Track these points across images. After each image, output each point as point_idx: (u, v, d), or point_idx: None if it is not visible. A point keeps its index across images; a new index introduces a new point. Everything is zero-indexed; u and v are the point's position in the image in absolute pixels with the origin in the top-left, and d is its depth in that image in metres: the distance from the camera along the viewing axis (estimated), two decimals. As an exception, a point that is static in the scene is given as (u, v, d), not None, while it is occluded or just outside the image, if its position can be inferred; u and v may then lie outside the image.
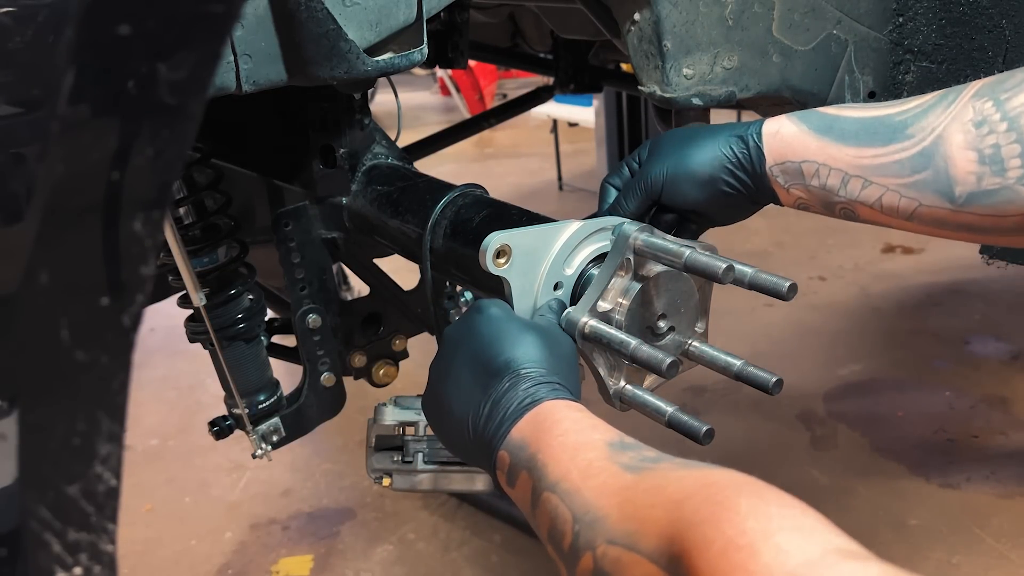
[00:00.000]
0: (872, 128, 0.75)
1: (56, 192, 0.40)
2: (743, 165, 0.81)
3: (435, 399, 0.76)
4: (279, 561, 2.21)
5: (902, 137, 0.73)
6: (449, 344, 0.77)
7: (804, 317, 3.18)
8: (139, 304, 0.42)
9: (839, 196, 0.77)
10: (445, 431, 0.75)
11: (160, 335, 3.24)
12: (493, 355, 0.71)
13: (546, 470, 0.62)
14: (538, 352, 0.72)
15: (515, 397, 0.68)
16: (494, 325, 0.74)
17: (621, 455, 0.60)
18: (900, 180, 0.73)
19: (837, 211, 0.79)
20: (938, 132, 0.71)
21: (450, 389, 0.74)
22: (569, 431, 0.64)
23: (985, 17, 1.01)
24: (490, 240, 0.75)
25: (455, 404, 0.73)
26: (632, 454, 0.60)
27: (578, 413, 0.66)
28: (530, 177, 5.57)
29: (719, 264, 0.70)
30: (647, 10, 0.90)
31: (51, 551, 0.42)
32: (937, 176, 0.71)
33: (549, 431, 0.64)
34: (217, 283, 1.02)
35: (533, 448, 0.64)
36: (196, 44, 0.40)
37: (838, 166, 0.76)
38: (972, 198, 0.70)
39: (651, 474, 0.56)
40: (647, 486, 0.54)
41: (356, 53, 0.80)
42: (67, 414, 0.42)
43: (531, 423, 0.66)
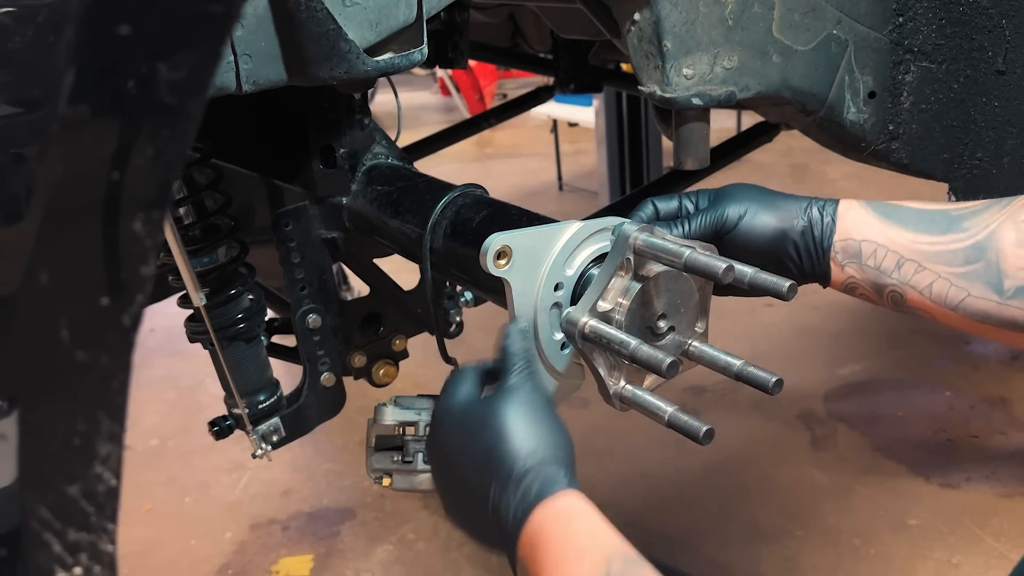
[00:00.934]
0: (930, 218, 0.79)
1: (56, 192, 0.40)
2: (814, 232, 0.83)
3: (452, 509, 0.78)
4: (279, 561, 2.21)
5: (958, 229, 0.77)
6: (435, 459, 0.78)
7: (804, 317, 3.18)
8: (139, 304, 0.42)
9: (891, 278, 0.80)
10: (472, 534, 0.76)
11: (160, 335, 3.24)
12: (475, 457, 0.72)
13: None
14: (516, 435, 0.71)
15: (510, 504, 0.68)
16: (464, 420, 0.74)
17: None
18: (952, 269, 0.76)
19: (886, 294, 0.81)
20: (992, 228, 0.75)
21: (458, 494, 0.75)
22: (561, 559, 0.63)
23: (985, 17, 1.01)
24: (490, 241, 0.75)
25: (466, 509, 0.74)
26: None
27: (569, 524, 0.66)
28: (530, 177, 5.57)
29: (719, 264, 0.70)
30: (647, 10, 0.90)
31: (51, 551, 0.42)
32: (988, 268, 0.75)
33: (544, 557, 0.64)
34: (217, 283, 1.02)
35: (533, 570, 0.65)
36: (196, 44, 0.40)
37: (895, 248, 0.79)
38: (1020, 292, 0.73)
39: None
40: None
41: (356, 53, 0.80)
42: (67, 414, 0.42)
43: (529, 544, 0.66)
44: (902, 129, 1.08)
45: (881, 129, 1.07)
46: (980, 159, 1.09)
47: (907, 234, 0.79)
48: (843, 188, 4.81)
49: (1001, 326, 0.75)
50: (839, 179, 4.95)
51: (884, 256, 0.80)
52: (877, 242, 0.80)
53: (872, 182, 4.71)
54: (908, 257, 0.79)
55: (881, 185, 4.62)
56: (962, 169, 1.10)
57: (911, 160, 1.10)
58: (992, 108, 1.05)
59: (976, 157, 1.09)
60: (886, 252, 0.80)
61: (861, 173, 4.74)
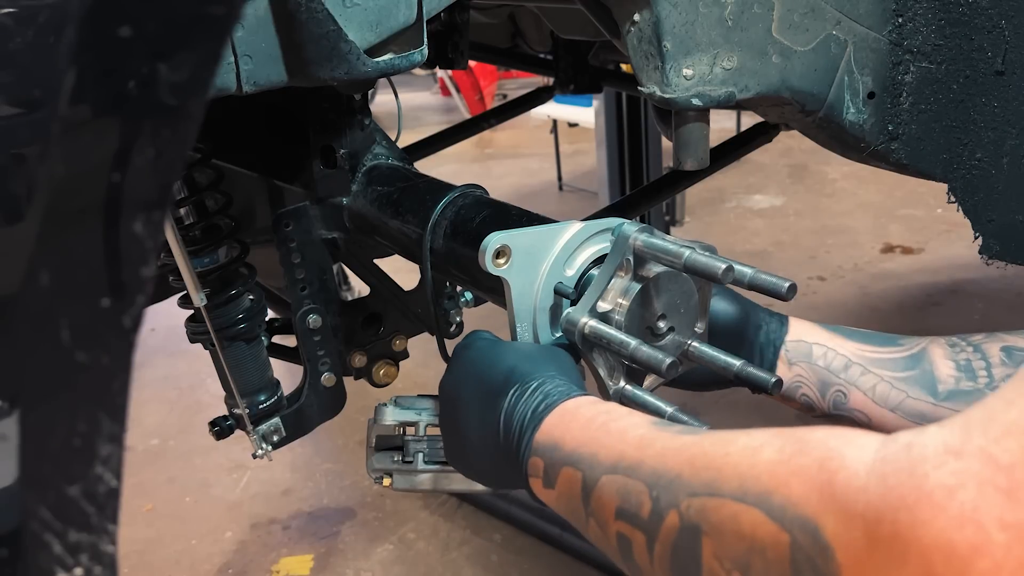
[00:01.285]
0: (870, 335, 0.90)
1: (57, 193, 0.40)
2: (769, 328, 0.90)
3: (453, 443, 0.78)
4: (279, 561, 2.21)
5: (895, 344, 0.89)
6: (448, 389, 0.78)
7: (804, 317, 3.18)
8: (140, 305, 0.42)
9: (839, 378, 0.87)
10: (471, 466, 0.77)
11: (160, 335, 3.24)
12: (493, 375, 0.73)
13: (596, 458, 0.62)
14: (537, 361, 0.72)
15: (529, 404, 0.69)
16: (486, 350, 0.76)
17: (671, 426, 0.61)
18: (894, 374, 0.86)
19: (830, 394, 0.88)
20: (923, 346, 0.88)
21: (463, 424, 0.75)
22: (607, 421, 0.64)
23: (984, 17, 1.01)
24: (489, 240, 0.75)
25: (471, 436, 0.74)
26: (681, 427, 0.61)
27: (607, 404, 0.67)
28: (530, 177, 5.57)
29: (719, 264, 0.70)
30: (647, 11, 0.90)
31: (52, 552, 0.42)
32: (924, 375, 0.85)
33: (584, 426, 0.65)
34: (218, 283, 1.02)
35: (571, 444, 0.64)
36: (197, 45, 0.40)
37: (844, 352, 0.88)
38: (951, 395, 0.84)
39: (711, 434, 0.57)
40: (712, 441, 0.56)
41: (356, 54, 0.80)
42: (67, 414, 0.42)
43: (558, 424, 0.67)
44: (901, 129, 1.08)
45: (880, 129, 1.07)
46: (979, 159, 1.09)
47: (852, 343, 0.89)
48: (843, 188, 4.81)
49: None
50: (839, 179, 4.95)
51: (833, 358, 0.88)
52: (827, 346, 0.89)
53: (872, 182, 4.71)
54: (855, 360, 0.88)
55: (881, 185, 4.62)
56: (961, 169, 1.10)
57: (910, 160, 1.10)
58: (992, 108, 1.05)
59: (975, 157, 1.09)
60: (835, 355, 0.88)
61: (861, 173, 4.74)
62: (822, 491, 0.45)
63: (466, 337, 0.81)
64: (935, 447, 0.41)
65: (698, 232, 4.32)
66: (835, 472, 0.45)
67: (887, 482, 0.41)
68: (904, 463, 0.41)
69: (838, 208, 4.52)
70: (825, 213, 4.45)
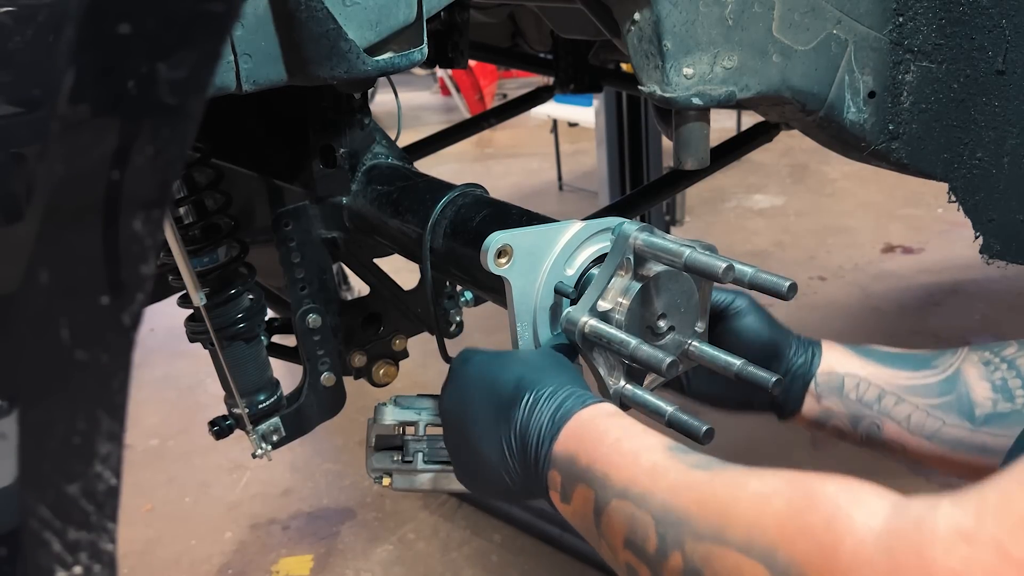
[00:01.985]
0: (903, 358, 0.87)
1: (56, 191, 0.40)
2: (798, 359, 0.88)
3: (464, 463, 0.76)
4: (279, 561, 2.21)
5: (929, 366, 0.86)
6: (452, 408, 0.77)
7: (804, 317, 3.18)
8: (139, 303, 0.42)
9: (872, 410, 0.85)
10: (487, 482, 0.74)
11: (160, 335, 3.24)
12: (500, 387, 0.71)
13: (608, 479, 0.61)
14: (543, 368, 0.71)
15: (543, 414, 0.68)
16: (488, 363, 0.75)
17: (685, 456, 0.60)
18: (929, 400, 0.83)
19: (863, 426, 0.86)
20: (956, 366, 0.84)
21: (474, 442, 0.73)
22: (622, 438, 0.63)
23: (985, 17, 1.01)
24: (491, 240, 0.75)
25: (484, 452, 0.72)
26: (696, 456, 0.60)
27: (622, 419, 0.66)
28: (530, 177, 5.57)
29: (719, 264, 0.70)
30: (647, 10, 0.90)
31: (51, 550, 0.42)
32: (960, 400, 0.82)
33: (599, 440, 0.64)
34: (217, 283, 1.02)
35: (585, 460, 0.64)
36: (196, 44, 0.40)
37: (877, 382, 0.85)
38: (989, 419, 0.81)
39: (724, 472, 0.56)
40: (724, 482, 0.55)
41: (356, 53, 0.80)
42: (67, 413, 0.42)
43: (574, 436, 0.66)
44: (902, 129, 1.08)
45: (881, 129, 1.07)
46: (980, 159, 1.09)
47: (886, 370, 0.86)
48: (843, 188, 4.81)
49: (972, 452, 0.82)
50: (839, 179, 4.95)
51: (867, 389, 0.85)
52: (860, 376, 0.86)
53: (872, 182, 4.71)
54: (889, 390, 0.85)
55: (881, 185, 4.62)
56: (962, 169, 1.10)
57: (911, 160, 1.10)
58: (992, 108, 1.05)
59: (976, 157, 1.09)
60: (868, 385, 0.85)
61: (861, 173, 4.74)
62: (827, 556, 0.44)
63: (459, 355, 0.79)
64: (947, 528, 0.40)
65: (698, 232, 4.32)
66: (842, 536, 0.44)
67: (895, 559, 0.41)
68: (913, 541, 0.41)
69: (838, 208, 4.52)
70: (825, 213, 4.45)
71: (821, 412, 0.86)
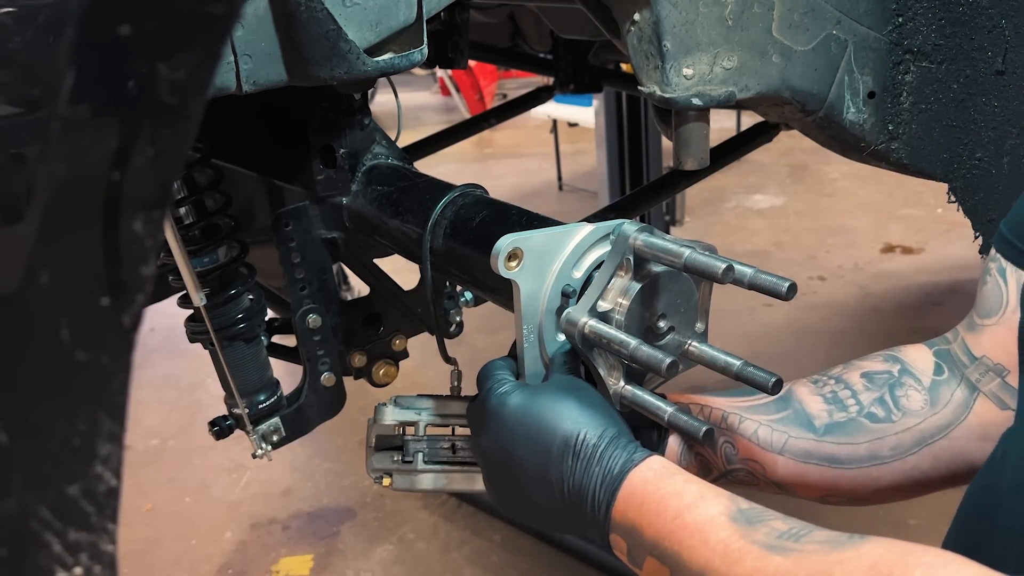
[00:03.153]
0: (733, 391, 0.90)
1: (56, 192, 0.40)
2: None
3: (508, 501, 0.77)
4: (279, 561, 2.21)
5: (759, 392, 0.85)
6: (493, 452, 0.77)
7: (804, 317, 3.18)
8: (139, 304, 0.42)
9: (720, 429, 0.87)
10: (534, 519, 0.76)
11: (160, 335, 3.24)
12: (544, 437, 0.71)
13: (681, 558, 0.61)
14: (583, 413, 0.72)
15: (594, 475, 0.68)
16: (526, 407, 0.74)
17: (752, 531, 0.60)
18: (768, 416, 0.87)
19: (720, 447, 0.87)
20: (787, 387, 0.88)
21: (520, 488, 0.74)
22: (681, 509, 0.63)
23: (985, 17, 1.01)
24: (503, 243, 0.74)
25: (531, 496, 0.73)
26: (763, 529, 0.60)
27: (673, 480, 0.66)
28: (530, 177, 5.57)
29: (719, 264, 0.70)
30: (647, 10, 0.90)
31: (51, 551, 0.42)
32: (797, 414, 0.86)
33: (658, 514, 0.64)
34: (217, 283, 1.02)
35: (649, 533, 0.64)
36: (196, 44, 0.40)
37: (717, 406, 0.88)
38: (829, 429, 0.85)
39: (802, 557, 0.56)
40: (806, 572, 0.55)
41: (356, 53, 0.80)
42: (67, 414, 0.42)
43: (630, 505, 0.66)
44: (902, 129, 1.08)
45: (881, 129, 1.07)
46: (980, 159, 1.09)
47: (720, 399, 0.89)
48: (843, 188, 4.81)
49: (823, 463, 0.85)
50: (839, 179, 4.95)
51: (710, 413, 0.88)
52: (700, 403, 0.89)
53: (872, 182, 4.72)
54: (730, 411, 0.88)
55: (881, 185, 4.62)
56: (962, 169, 1.10)
57: (911, 160, 1.10)
58: (992, 108, 1.05)
59: (976, 157, 1.09)
60: (711, 410, 0.88)
61: (861, 173, 4.74)
62: None
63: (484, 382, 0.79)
64: None
65: (698, 232, 4.32)
66: None
67: None
68: None
69: (838, 208, 4.52)
70: (825, 213, 4.45)
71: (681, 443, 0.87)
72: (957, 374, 0.86)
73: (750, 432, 0.86)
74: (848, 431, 0.85)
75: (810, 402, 0.87)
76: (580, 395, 0.74)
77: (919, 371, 0.87)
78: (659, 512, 0.64)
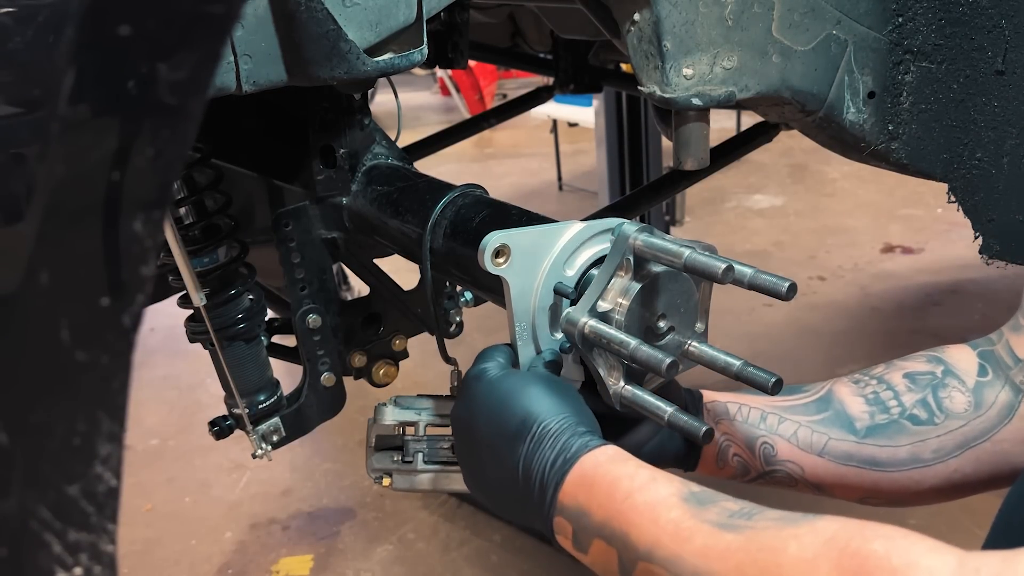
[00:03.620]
0: None
1: (56, 192, 0.40)
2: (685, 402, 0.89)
3: (470, 475, 0.78)
4: (279, 561, 2.21)
5: (800, 391, 0.89)
6: (461, 424, 0.78)
7: (804, 317, 3.18)
8: (139, 304, 0.42)
9: (760, 430, 0.86)
10: (490, 500, 0.76)
11: (160, 335, 3.24)
12: (506, 417, 0.72)
13: (628, 539, 0.61)
14: (549, 400, 0.72)
15: (546, 457, 0.68)
16: (497, 385, 0.75)
17: (704, 511, 0.60)
18: (809, 417, 0.86)
19: (758, 447, 0.87)
20: (828, 387, 0.88)
21: (479, 462, 0.75)
22: (631, 491, 0.63)
23: (985, 17, 1.01)
24: (489, 239, 0.75)
25: (488, 474, 0.74)
26: (714, 509, 0.60)
27: (625, 465, 0.66)
28: (530, 177, 5.57)
29: (718, 264, 0.70)
30: (647, 10, 0.90)
31: (51, 551, 0.42)
32: (838, 415, 0.86)
33: (609, 494, 0.64)
34: (217, 283, 1.02)
35: (599, 515, 0.64)
36: (196, 44, 0.40)
37: (755, 405, 0.88)
38: (870, 431, 0.84)
39: (755, 534, 0.56)
40: (759, 547, 0.54)
41: (356, 53, 0.80)
42: (67, 414, 0.42)
43: (580, 485, 0.66)
44: (902, 129, 1.08)
45: (881, 129, 1.07)
46: (980, 159, 1.09)
47: (760, 397, 0.88)
48: (843, 188, 4.81)
49: (864, 466, 0.84)
50: (839, 179, 4.95)
51: (748, 412, 0.88)
52: (739, 402, 0.88)
53: (872, 182, 4.72)
54: (769, 411, 0.87)
55: (881, 185, 4.62)
56: (962, 169, 1.10)
57: (911, 160, 1.10)
58: (992, 108, 1.05)
59: (976, 157, 1.09)
60: (749, 409, 0.88)
61: (861, 173, 4.74)
62: None
63: (479, 360, 0.79)
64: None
65: (698, 232, 4.32)
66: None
67: None
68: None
69: (838, 208, 4.52)
70: (825, 213, 4.45)
71: (721, 440, 0.87)
72: (1001, 376, 0.85)
73: (789, 433, 0.85)
74: (889, 433, 0.84)
75: (851, 403, 0.86)
76: (551, 386, 0.74)
77: (963, 372, 0.86)
78: (609, 493, 0.64)
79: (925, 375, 0.86)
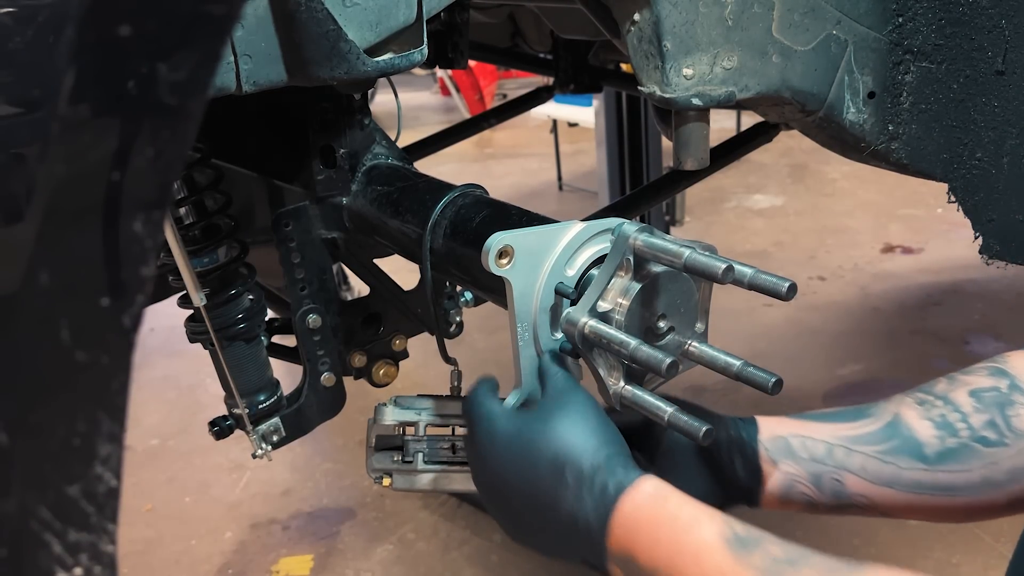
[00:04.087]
0: (837, 413, 0.87)
1: (57, 192, 0.40)
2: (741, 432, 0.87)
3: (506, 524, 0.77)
4: (279, 561, 2.21)
5: (865, 416, 0.86)
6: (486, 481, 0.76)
7: (804, 317, 3.18)
8: (139, 304, 0.42)
9: (826, 465, 0.84)
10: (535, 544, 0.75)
11: (160, 335, 3.24)
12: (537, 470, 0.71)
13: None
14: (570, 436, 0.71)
15: (586, 505, 0.68)
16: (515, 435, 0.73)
17: (748, 555, 0.60)
18: (876, 447, 0.83)
19: (826, 483, 0.84)
20: (893, 411, 0.85)
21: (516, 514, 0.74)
22: (673, 535, 0.63)
23: (985, 17, 1.01)
24: (493, 240, 0.75)
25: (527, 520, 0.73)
26: (758, 554, 0.60)
27: (666, 505, 0.66)
28: (530, 177, 5.57)
29: (719, 264, 0.70)
30: (647, 10, 0.90)
31: (51, 551, 0.42)
32: (906, 442, 0.83)
33: (654, 540, 0.64)
34: (217, 283, 1.02)
35: (645, 559, 0.64)
36: (197, 44, 0.40)
37: (821, 436, 0.85)
38: (941, 457, 0.81)
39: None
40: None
41: (356, 53, 0.80)
42: (67, 414, 0.42)
43: (626, 533, 0.66)
44: (902, 129, 1.08)
45: (881, 129, 1.07)
46: (980, 159, 1.09)
47: (824, 425, 0.85)
48: (843, 188, 4.81)
49: (936, 493, 0.82)
50: (839, 179, 4.95)
51: (813, 445, 0.85)
52: (802, 434, 0.85)
53: (872, 182, 4.71)
54: (835, 443, 0.84)
55: (881, 185, 4.62)
56: (962, 169, 1.10)
57: (911, 160, 1.10)
58: (992, 108, 1.05)
59: (976, 157, 1.09)
60: (814, 441, 0.85)
61: (861, 173, 4.74)
62: None
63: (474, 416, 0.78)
64: None
65: (698, 232, 4.32)
66: None
67: None
68: None
69: (838, 208, 4.52)
70: (825, 213, 4.45)
71: (784, 480, 0.85)
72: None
73: (857, 466, 0.84)
74: (960, 458, 0.82)
75: (919, 427, 0.83)
76: (567, 415, 0.73)
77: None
78: (653, 540, 0.64)
79: (990, 391, 0.83)
